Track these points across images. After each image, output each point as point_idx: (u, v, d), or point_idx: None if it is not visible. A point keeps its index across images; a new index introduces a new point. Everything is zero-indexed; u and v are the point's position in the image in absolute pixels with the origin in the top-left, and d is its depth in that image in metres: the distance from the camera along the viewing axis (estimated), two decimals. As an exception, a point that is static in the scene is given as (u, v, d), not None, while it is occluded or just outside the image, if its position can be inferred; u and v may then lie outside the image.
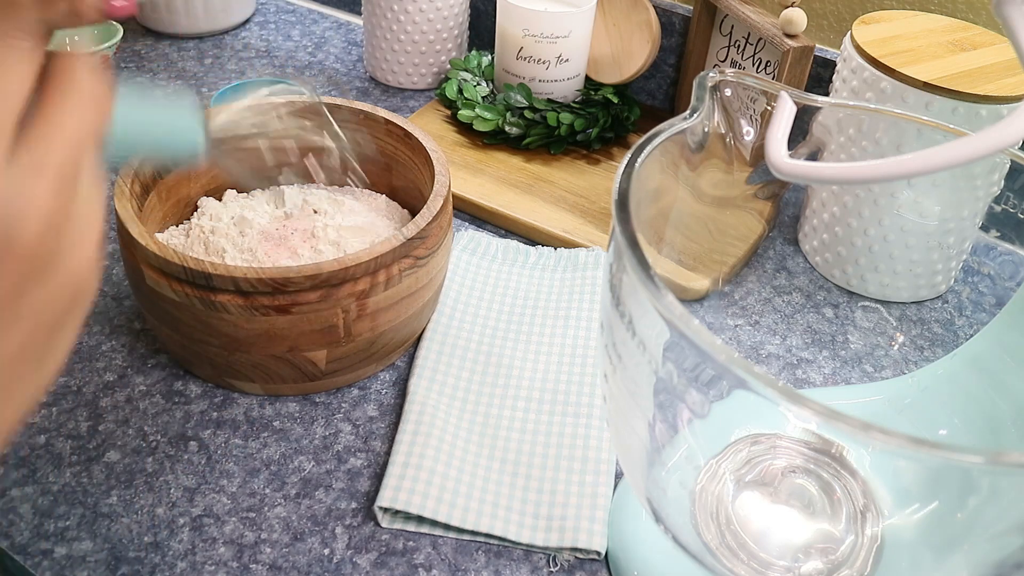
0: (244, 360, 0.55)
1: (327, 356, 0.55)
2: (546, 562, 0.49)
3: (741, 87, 0.44)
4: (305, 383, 0.57)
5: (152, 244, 0.52)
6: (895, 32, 0.66)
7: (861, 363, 0.61)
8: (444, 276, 0.62)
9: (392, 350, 0.60)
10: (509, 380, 0.59)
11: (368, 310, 0.54)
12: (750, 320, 0.65)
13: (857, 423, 0.27)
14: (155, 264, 0.52)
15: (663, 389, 0.37)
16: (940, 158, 0.34)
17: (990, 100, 0.59)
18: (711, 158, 0.46)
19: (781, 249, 0.72)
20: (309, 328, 0.53)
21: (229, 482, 0.53)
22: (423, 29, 0.89)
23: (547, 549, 0.50)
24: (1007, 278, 0.64)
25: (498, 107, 0.82)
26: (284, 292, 0.51)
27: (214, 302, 0.51)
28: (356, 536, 0.50)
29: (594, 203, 0.76)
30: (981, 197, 0.61)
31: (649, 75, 0.92)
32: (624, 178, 0.37)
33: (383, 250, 0.53)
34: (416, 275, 0.56)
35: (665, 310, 0.31)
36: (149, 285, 0.53)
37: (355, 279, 0.53)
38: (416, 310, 0.59)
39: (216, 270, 0.50)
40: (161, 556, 0.48)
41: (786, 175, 0.38)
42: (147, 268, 0.53)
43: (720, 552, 0.43)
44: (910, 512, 0.46)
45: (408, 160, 0.66)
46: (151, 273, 0.52)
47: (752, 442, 0.49)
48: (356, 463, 0.54)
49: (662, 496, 0.44)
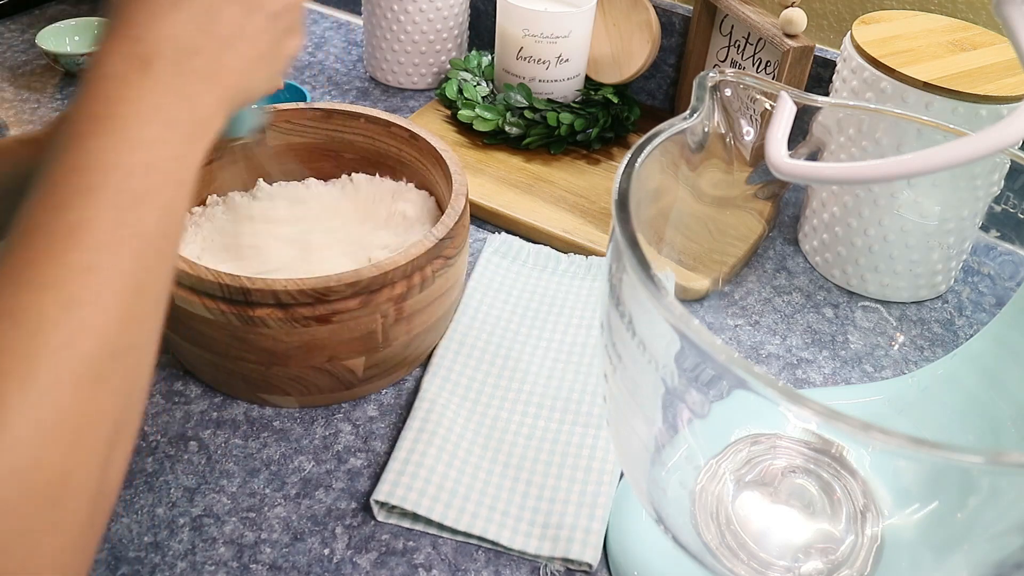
0: (282, 374, 0.54)
1: (365, 363, 0.55)
2: (539, 571, 0.49)
3: (741, 87, 0.44)
4: (341, 392, 0.57)
5: (182, 262, 0.51)
6: (895, 32, 0.66)
7: (861, 363, 0.61)
8: (465, 275, 0.62)
9: (423, 352, 0.60)
10: (523, 385, 0.59)
11: (405, 313, 0.54)
12: (750, 320, 0.65)
13: (857, 423, 0.27)
14: (186, 283, 0.51)
15: (663, 389, 0.37)
16: (940, 158, 0.34)
17: (990, 100, 0.59)
18: (711, 158, 0.46)
19: (781, 249, 0.72)
20: (349, 336, 0.53)
21: (229, 482, 0.53)
22: (423, 29, 0.89)
23: (538, 557, 0.50)
24: (1007, 278, 0.64)
25: (498, 107, 0.82)
26: (325, 301, 0.51)
27: (252, 317, 0.51)
28: (356, 536, 0.50)
29: (594, 203, 0.76)
30: (981, 197, 0.61)
31: (649, 75, 0.92)
32: (624, 178, 0.37)
33: (418, 252, 0.53)
34: (446, 275, 0.56)
35: (665, 310, 0.31)
36: (178, 305, 0.52)
37: (393, 283, 0.53)
38: (445, 310, 0.59)
39: (255, 284, 0.50)
40: (161, 556, 0.48)
41: (786, 175, 0.38)
42: (175, 287, 0.51)
43: (720, 552, 0.43)
44: (910, 512, 0.46)
45: (415, 161, 0.66)
46: (181, 292, 0.51)
47: (752, 442, 0.49)
48: (356, 463, 0.54)
49: (662, 496, 0.44)
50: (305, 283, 0.50)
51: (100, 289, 0.29)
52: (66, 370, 0.28)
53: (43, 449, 0.27)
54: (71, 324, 0.28)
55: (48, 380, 0.27)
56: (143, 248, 0.31)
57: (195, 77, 0.35)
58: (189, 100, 0.35)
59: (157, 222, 0.32)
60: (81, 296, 0.29)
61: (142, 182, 0.32)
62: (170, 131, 0.33)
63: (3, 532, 0.26)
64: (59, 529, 0.27)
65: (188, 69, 0.35)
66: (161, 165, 0.33)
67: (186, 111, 0.34)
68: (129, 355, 0.30)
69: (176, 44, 0.35)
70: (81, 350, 0.28)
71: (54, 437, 0.27)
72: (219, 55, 0.36)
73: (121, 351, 0.30)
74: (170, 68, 0.34)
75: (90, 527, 0.29)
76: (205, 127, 0.36)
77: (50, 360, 0.28)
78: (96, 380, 0.29)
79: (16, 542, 0.26)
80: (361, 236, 0.62)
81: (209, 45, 0.36)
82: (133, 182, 0.31)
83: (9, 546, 0.26)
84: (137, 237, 0.31)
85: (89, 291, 0.29)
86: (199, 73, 0.35)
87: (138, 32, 0.34)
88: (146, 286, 0.31)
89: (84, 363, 0.28)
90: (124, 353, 0.30)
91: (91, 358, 0.29)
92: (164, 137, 0.33)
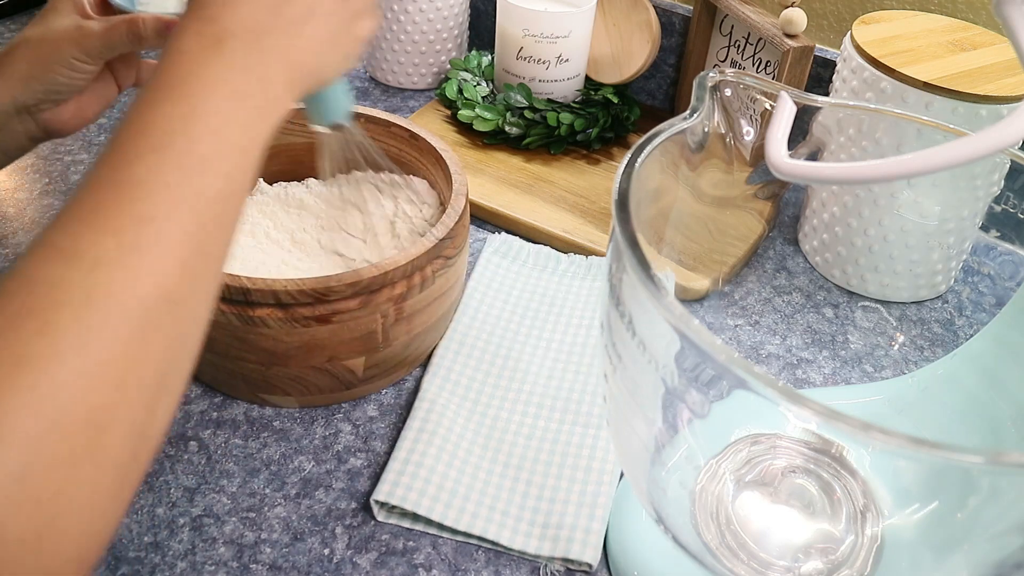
0: (282, 374, 0.54)
1: (365, 363, 0.55)
2: (539, 571, 0.49)
3: (741, 87, 0.44)
4: (341, 392, 0.57)
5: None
6: (895, 32, 0.66)
7: (861, 363, 0.61)
8: (465, 275, 0.62)
9: (423, 352, 0.60)
10: (523, 385, 0.59)
11: (405, 313, 0.54)
12: (750, 320, 0.65)
13: (857, 423, 0.27)
14: None
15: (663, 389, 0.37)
16: (940, 158, 0.34)
17: (990, 100, 0.59)
18: (711, 158, 0.46)
19: (781, 249, 0.72)
20: (349, 336, 0.53)
21: (229, 482, 0.53)
22: (423, 29, 0.89)
23: (538, 557, 0.49)
24: (1007, 278, 0.64)
25: (498, 107, 0.82)
26: (325, 302, 0.51)
27: (252, 317, 0.51)
28: (356, 536, 0.50)
29: (594, 203, 0.76)
30: (981, 197, 0.61)
31: (649, 75, 0.92)
32: (624, 178, 0.37)
33: (418, 252, 0.53)
34: (446, 275, 0.56)
35: (665, 310, 0.31)
36: None
37: (393, 283, 0.53)
38: (445, 310, 0.59)
39: (255, 284, 0.50)
40: (161, 556, 0.48)
41: (786, 175, 0.38)
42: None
43: (720, 552, 0.43)
44: (910, 512, 0.46)
45: (415, 161, 0.66)
46: None
47: (752, 442, 0.49)
48: (356, 463, 0.54)
49: (662, 496, 0.44)
50: (305, 283, 0.50)
51: (160, 239, 0.31)
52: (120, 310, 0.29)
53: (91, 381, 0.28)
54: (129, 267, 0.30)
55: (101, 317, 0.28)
56: (204, 209, 0.32)
57: (265, 56, 0.37)
58: (258, 77, 0.36)
59: (220, 187, 0.33)
60: (140, 243, 0.30)
61: (207, 147, 0.33)
62: (238, 104, 0.35)
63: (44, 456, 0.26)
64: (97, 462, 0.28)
65: (258, 48, 0.37)
66: (227, 134, 0.34)
67: (255, 87, 0.36)
68: (183, 305, 0.32)
69: (247, 25, 0.37)
70: (137, 293, 0.30)
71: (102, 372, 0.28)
72: (289, 36, 0.38)
73: (176, 300, 0.31)
74: (241, 47, 0.36)
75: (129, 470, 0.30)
76: (274, 104, 0.37)
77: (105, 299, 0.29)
78: (148, 324, 0.30)
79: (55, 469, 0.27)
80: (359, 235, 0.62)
81: (279, 26, 0.38)
82: (199, 146, 0.33)
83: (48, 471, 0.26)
84: (199, 197, 0.32)
85: (149, 239, 0.30)
86: (269, 52, 0.37)
87: (212, 13, 0.36)
88: (204, 245, 0.32)
89: (139, 306, 0.30)
90: (178, 303, 0.31)
91: (146, 302, 0.30)
92: (231, 108, 0.35)
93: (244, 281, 0.50)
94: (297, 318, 0.51)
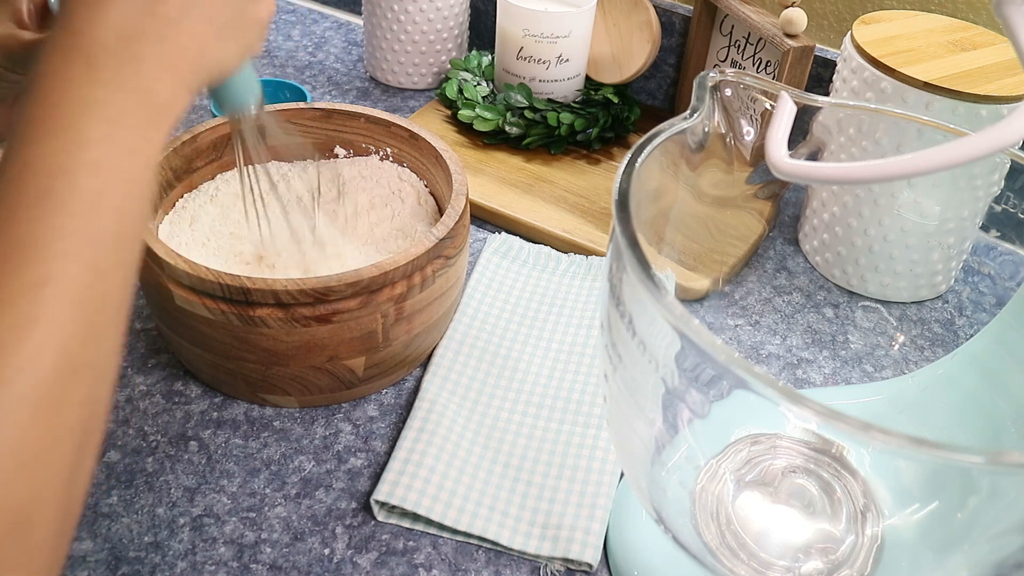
0: (282, 374, 0.54)
1: (365, 363, 0.55)
2: (539, 571, 0.49)
3: (741, 87, 0.44)
4: (341, 392, 0.57)
5: (182, 262, 0.50)
6: (895, 32, 0.66)
7: (861, 363, 0.61)
8: (465, 275, 0.62)
9: (423, 351, 0.60)
10: (523, 385, 0.59)
11: (405, 313, 0.54)
12: (750, 320, 0.65)
13: (857, 423, 0.27)
14: (186, 283, 0.51)
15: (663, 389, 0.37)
16: (940, 158, 0.34)
17: (990, 100, 0.59)
18: (711, 158, 0.46)
19: (781, 249, 0.72)
20: (349, 336, 0.53)
21: (229, 482, 0.53)
22: (423, 29, 0.89)
23: (538, 557, 0.50)
24: (1007, 278, 0.64)
25: (498, 107, 0.82)
26: (325, 301, 0.51)
27: (252, 317, 0.51)
28: (356, 536, 0.50)
29: (594, 203, 0.76)
30: (981, 197, 0.61)
31: (649, 75, 0.92)
32: (624, 178, 0.37)
33: (418, 252, 0.53)
34: (447, 275, 0.56)
35: (665, 310, 0.31)
36: (178, 305, 0.52)
37: (393, 283, 0.53)
38: (445, 310, 0.59)
39: (255, 284, 0.50)
40: (161, 556, 0.48)
41: (786, 175, 0.38)
42: (176, 287, 0.51)
43: (720, 552, 0.43)
44: (910, 512, 0.46)
45: (415, 161, 0.66)
46: (181, 292, 0.51)
47: (752, 442, 0.49)
48: (356, 463, 0.54)
49: (662, 496, 0.44)
50: (305, 283, 0.50)
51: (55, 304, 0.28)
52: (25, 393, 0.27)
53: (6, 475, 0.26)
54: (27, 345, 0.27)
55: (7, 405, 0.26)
56: (99, 256, 0.30)
57: (142, 64, 0.33)
58: (136, 90, 0.33)
59: (112, 225, 0.31)
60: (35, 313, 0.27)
61: (92, 183, 0.30)
62: (119, 125, 0.32)
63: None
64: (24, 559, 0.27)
65: (132, 57, 0.33)
66: (112, 162, 0.31)
67: (134, 103, 0.33)
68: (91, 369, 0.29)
69: (118, 32, 0.33)
70: (40, 371, 0.27)
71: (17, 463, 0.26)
72: (166, 36, 0.35)
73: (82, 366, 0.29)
74: (113, 60, 0.33)
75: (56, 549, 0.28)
76: (163, 111, 0.34)
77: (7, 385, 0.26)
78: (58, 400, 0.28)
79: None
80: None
81: (153, 27, 0.34)
82: (81, 184, 0.30)
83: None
84: (91, 245, 0.30)
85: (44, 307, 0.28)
86: (146, 59, 0.34)
87: (78, 24, 0.33)
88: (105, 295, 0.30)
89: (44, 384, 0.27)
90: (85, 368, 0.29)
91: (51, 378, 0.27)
92: (112, 133, 0.32)
93: (244, 281, 0.50)
94: (297, 318, 0.51)
